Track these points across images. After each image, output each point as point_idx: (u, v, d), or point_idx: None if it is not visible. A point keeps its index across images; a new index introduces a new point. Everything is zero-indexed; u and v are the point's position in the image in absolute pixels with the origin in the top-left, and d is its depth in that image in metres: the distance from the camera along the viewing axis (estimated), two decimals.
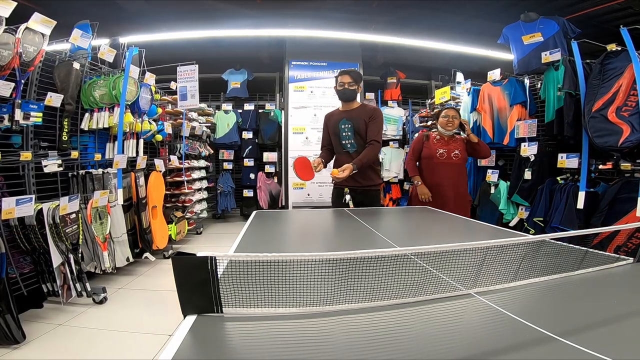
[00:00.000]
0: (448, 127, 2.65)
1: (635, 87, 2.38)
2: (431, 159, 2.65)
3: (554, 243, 1.07)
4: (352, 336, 0.63)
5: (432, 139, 2.71)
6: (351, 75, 2.36)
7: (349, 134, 2.37)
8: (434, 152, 2.65)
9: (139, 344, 1.90)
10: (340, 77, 2.38)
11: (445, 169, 2.62)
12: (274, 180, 5.57)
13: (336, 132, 2.41)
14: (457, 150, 2.64)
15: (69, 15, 2.91)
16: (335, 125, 2.42)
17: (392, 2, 4.66)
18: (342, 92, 2.38)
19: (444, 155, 2.63)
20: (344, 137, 2.38)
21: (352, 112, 2.38)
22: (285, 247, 1.38)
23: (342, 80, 2.36)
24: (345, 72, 2.39)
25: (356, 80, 2.38)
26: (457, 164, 2.65)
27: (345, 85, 2.36)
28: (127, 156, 2.92)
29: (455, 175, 2.65)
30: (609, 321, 0.64)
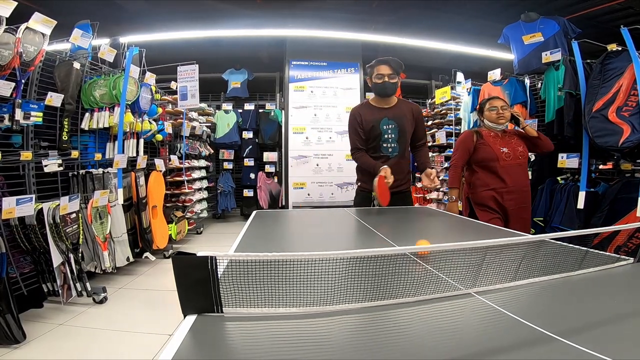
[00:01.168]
0: (500, 120, 2.11)
1: (635, 87, 2.38)
2: (494, 161, 2.06)
3: (554, 243, 1.07)
4: (352, 336, 0.63)
5: (486, 136, 2.12)
6: (391, 65, 1.97)
7: (392, 136, 2.03)
8: (497, 152, 2.06)
9: (139, 344, 1.90)
10: (378, 67, 1.99)
11: (514, 173, 2.06)
12: (274, 180, 5.57)
13: (376, 133, 2.04)
14: (520, 147, 2.11)
15: (69, 15, 2.91)
16: (375, 125, 2.04)
17: (392, 2, 4.66)
18: (381, 86, 1.99)
19: (510, 155, 2.07)
20: (386, 140, 2.04)
21: (394, 109, 2.04)
22: (285, 247, 1.38)
23: (380, 71, 1.97)
24: (383, 61, 1.99)
25: (397, 70, 1.99)
26: (523, 164, 2.14)
27: (385, 78, 1.97)
28: (127, 156, 2.92)
29: (524, 178, 2.14)
30: (609, 321, 0.64)
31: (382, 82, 1.99)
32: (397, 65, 2.01)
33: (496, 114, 2.12)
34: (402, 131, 2.06)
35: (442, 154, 4.49)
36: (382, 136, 2.05)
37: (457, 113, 4.13)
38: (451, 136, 4.21)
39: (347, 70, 5.45)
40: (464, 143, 2.16)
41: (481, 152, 2.11)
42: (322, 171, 5.30)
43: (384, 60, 2.01)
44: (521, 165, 2.11)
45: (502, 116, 2.12)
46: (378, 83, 2.00)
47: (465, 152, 2.16)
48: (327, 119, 5.31)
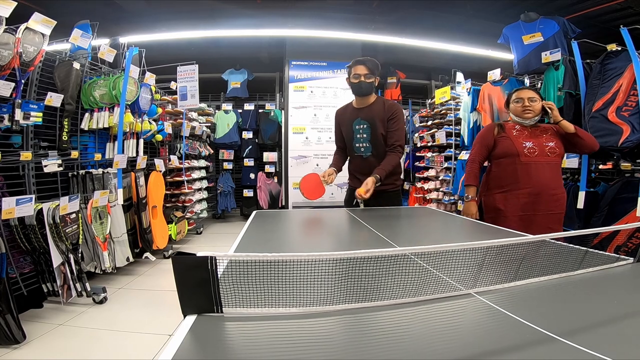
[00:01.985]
0: (526, 114, 1.85)
1: (635, 87, 2.38)
2: (515, 156, 1.82)
3: (554, 243, 1.07)
4: (352, 336, 0.63)
5: (509, 130, 1.89)
6: (367, 65, 2.01)
7: (364, 136, 2.06)
8: (518, 146, 1.82)
9: (139, 344, 1.90)
10: (354, 67, 2.02)
11: (538, 170, 1.79)
12: (274, 180, 5.57)
13: (349, 133, 2.11)
14: (552, 142, 1.82)
15: (69, 15, 2.92)
16: (349, 125, 2.11)
17: (392, 2, 4.66)
18: (357, 85, 2.03)
19: (535, 150, 1.80)
20: (358, 140, 2.08)
21: (369, 109, 2.06)
22: (285, 247, 1.38)
23: (356, 71, 2.01)
24: (360, 61, 2.03)
25: (373, 70, 2.02)
26: (554, 163, 1.82)
27: (361, 78, 2.00)
28: (127, 156, 2.92)
29: (553, 179, 1.82)
30: (609, 321, 0.64)
31: (358, 81, 2.02)
32: (373, 65, 2.03)
33: (522, 106, 1.86)
34: (374, 132, 2.05)
35: (442, 154, 4.49)
36: (354, 136, 2.09)
37: (457, 113, 4.13)
38: (451, 136, 4.21)
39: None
40: (483, 137, 1.96)
41: (500, 147, 1.87)
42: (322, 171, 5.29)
43: (360, 61, 2.03)
44: (550, 164, 1.80)
45: (529, 109, 1.84)
46: (354, 83, 2.04)
47: (484, 147, 1.93)
48: (327, 119, 5.31)
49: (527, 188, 1.80)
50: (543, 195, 1.79)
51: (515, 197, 1.81)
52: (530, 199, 1.79)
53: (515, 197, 1.81)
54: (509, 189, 1.83)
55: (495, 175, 1.91)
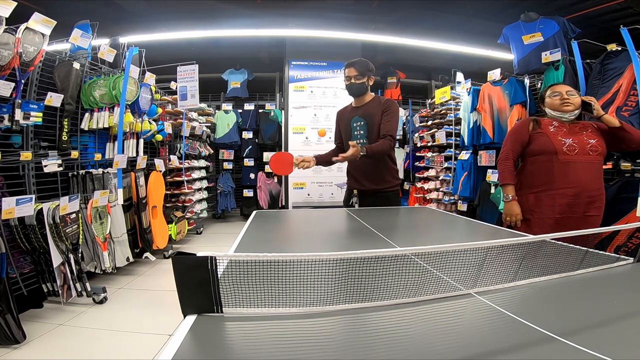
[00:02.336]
0: (565, 107, 1.70)
1: (635, 87, 2.38)
2: (552, 154, 1.67)
3: (554, 243, 1.07)
4: (352, 336, 0.63)
5: (546, 126, 1.74)
6: (356, 68, 2.08)
7: (361, 132, 2.14)
8: (556, 143, 1.67)
9: (139, 344, 1.90)
10: (346, 69, 2.12)
11: (577, 170, 1.65)
12: (274, 180, 5.57)
13: (347, 130, 2.20)
14: (594, 140, 1.67)
15: (69, 15, 2.92)
16: (347, 123, 2.20)
17: (392, 2, 4.66)
18: (348, 87, 2.14)
19: (574, 148, 1.66)
20: (355, 137, 2.16)
21: (365, 107, 2.15)
22: (285, 247, 1.38)
23: (347, 73, 2.11)
24: (350, 64, 2.11)
25: (362, 72, 2.08)
26: (595, 162, 1.68)
27: (351, 80, 2.10)
28: (127, 156, 2.92)
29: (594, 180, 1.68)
30: (609, 321, 0.64)
31: (349, 83, 2.12)
32: (362, 66, 2.09)
33: (560, 99, 1.72)
34: (371, 128, 2.11)
35: (442, 154, 4.49)
36: (351, 133, 2.18)
37: (457, 113, 4.13)
38: (451, 136, 4.21)
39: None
40: (517, 132, 1.82)
41: (536, 144, 1.73)
42: (322, 171, 5.29)
43: (350, 63, 2.11)
44: (591, 163, 1.66)
45: (568, 102, 1.70)
46: (346, 84, 2.15)
47: (517, 143, 1.78)
48: (327, 119, 5.31)
49: (564, 188, 1.65)
50: (581, 196, 1.64)
51: (550, 198, 1.67)
52: (566, 201, 1.65)
53: (550, 197, 1.68)
54: (543, 189, 1.70)
55: (530, 173, 1.76)
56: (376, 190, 2.12)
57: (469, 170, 3.83)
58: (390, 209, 2.07)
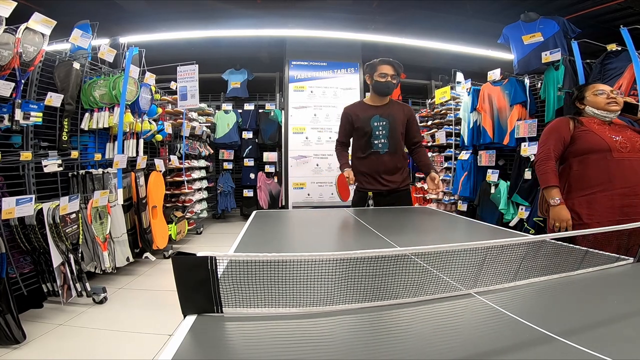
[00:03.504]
0: (612, 106, 1.60)
1: (635, 87, 2.38)
2: (606, 152, 1.53)
3: (554, 243, 1.07)
4: (352, 336, 0.63)
5: (589, 123, 1.62)
6: (394, 67, 2.06)
7: (382, 133, 2.10)
8: (609, 140, 1.54)
9: (139, 344, 1.90)
10: (381, 66, 2.04)
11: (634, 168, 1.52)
12: (274, 180, 5.57)
13: (366, 129, 2.11)
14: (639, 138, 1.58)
15: (69, 15, 2.91)
16: (366, 121, 2.11)
17: (392, 2, 4.66)
18: (385, 85, 2.05)
19: (626, 145, 1.53)
20: (377, 137, 2.11)
21: (386, 108, 2.12)
22: (285, 247, 1.38)
23: (384, 70, 2.03)
24: (387, 62, 2.05)
25: (398, 72, 2.08)
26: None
27: (388, 77, 2.04)
28: (127, 156, 2.92)
29: None
30: (609, 321, 0.64)
31: (386, 81, 2.06)
32: (399, 67, 2.09)
33: (606, 97, 1.60)
34: (393, 128, 2.10)
35: (442, 154, 4.49)
36: (372, 132, 2.11)
37: (457, 113, 4.13)
38: (451, 136, 4.22)
39: (347, 70, 5.45)
40: (556, 130, 1.65)
41: (583, 142, 1.58)
42: (322, 171, 5.29)
43: (388, 61, 2.06)
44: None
45: (615, 101, 1.60)
46: (381, 82, 2.06)
47: (559, 142, 1.63)
48: (327, 119, 5.31)
49: (623, 188, 1.51)
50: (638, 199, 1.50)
51: (608, 199, 1.52)
52: (627, 201, 1.50)
53: (608, 199, 1.52)
54: (598, 191, 1.54)
55: (579, 175, 1.61)
56: (393, 190, 2.13)
57: (469, 170, 3.83)
58: (390, 208, 2.07)
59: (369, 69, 2.12)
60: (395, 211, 2.00)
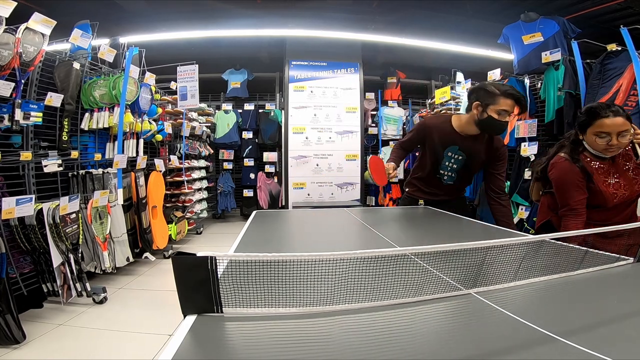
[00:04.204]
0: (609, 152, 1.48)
1: (635, 87, 2.38)
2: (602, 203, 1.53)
3: (554, 243, 1.07)
4: (352, 336, 0.63)
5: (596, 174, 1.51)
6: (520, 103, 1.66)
7: (453, 167, 1.84)
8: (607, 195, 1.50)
9: (139, 344, 1.90)
10: (505, 100, 1.63)
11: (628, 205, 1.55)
12: (274, 180, 5.57)
13: (438, 155, 1.85)
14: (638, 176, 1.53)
15: (69, 15, 2.91)
16: (440, 148, 1.84)
17: (392, 2, 4.66)
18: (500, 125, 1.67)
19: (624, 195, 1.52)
20: (445, 167, 1.86)
21: (472, 140, 1.79)
22: (285, 247, 1.38)
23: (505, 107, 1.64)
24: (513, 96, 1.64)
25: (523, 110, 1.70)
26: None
27: (506, 116, 1.65)
28: (127, 156, 2.92)
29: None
30: (609, 321, 0.64)
31: (504, 119, 1.66)
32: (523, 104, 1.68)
33: (606, 144, 1.44)
34: (467, 166, 1.84)
35: None
36: (442, 162, 1.86)
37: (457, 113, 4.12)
38: None
39: (347, 71, 5.44)
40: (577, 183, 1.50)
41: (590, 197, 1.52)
42: (322, 171, 5.29)
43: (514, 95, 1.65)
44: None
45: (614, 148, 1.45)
46: (496, 119, 1.65)
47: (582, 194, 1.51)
48: (327, 119, 5.31)
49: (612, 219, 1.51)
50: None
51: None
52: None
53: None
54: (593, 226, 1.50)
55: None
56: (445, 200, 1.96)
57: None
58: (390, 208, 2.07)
59: (486, 97, 1.68)
60: (395, 211, 2.00)
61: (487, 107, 1.66)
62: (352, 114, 5.31)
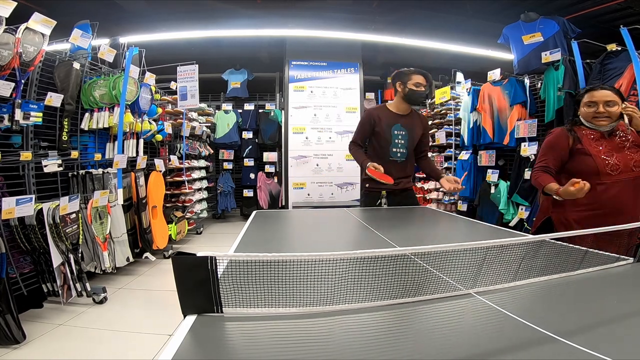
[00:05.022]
0: (600, 122, 1.53)
1: (635, 87, 2.38)
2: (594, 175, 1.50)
3: (554, 243, 1.07)
4: (352, 336, 0.63)
5: (587, 140, 1.55)
6: (427, 78, 2.12)
7: (402, 142, 2.15)
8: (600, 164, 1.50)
9: (139, 344, 1.90)
10: (415, 76, 2.09)
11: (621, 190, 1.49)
12: (274, 180, 5.57)
13: (387, 136, 2.14)
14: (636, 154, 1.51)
15: (69, 15, 2.91)
16: (387, 129, 2.14)
17: (392, 2, 4.66)
18: (419, 93, 2.10)
19: (618, 167, 1.48)
20: (396, 145, 2.15)
21: (408, 118, 2.18)
22: (285, 247, 1.38)
23: (418, 80, 2.09)
24: (420, 72, 2.12)
25: (430, 84, 2.14)
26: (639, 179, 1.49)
27: (421, 87, 2.09)
28: (127, 156, 2.92)
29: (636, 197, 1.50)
30: (609, 321, 0.64)
31: (420, 90, 2.10)
32: (430, 79, 2.15)
33: (594, 112, 1.51)
34: (411, 139, 2.17)
35: (442, 154, 4.48)
36: (392, 141, 2.15)
37: (457, 113, 4.13)
38: (451, 136, 4.21)
39: (347, 70, 5.45)
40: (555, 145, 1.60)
41: (576, 163, 1.55)
42: (322, 171, 5.29)
43: (421, 72, 2.11)
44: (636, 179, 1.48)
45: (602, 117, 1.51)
46: (416, 90, 2.10)
47: (558, 160, 1.59)
48: (327, 119, 5.31)
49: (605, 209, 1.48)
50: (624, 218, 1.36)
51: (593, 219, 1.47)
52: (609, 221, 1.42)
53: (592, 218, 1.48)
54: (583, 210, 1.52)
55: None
56: (405, 188, 2.21)
57: (469, 170, 3.83)
58: (390, 208, 2.07)
59: (400, 77, 2.14)
60: (395, 211, 2.01)
61: (406, 84, 2.11)
62: (352, 114, 5.31)
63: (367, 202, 2.23)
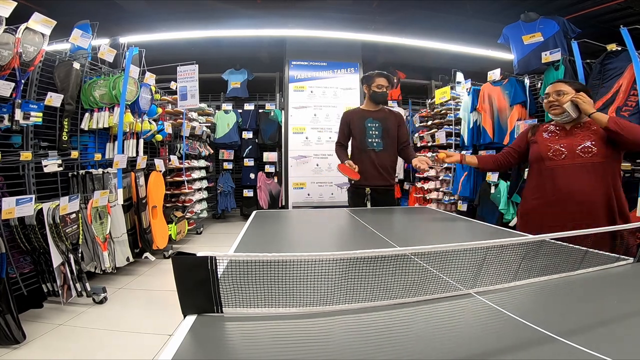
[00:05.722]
0: (552, 110, 1.60)
1: (635, 87, 2.38)
2: (540, 161, 1.61)
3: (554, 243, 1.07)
4: (352, 336, 0.63)
5: (540, 132, 1.67)
6: (389, 79, 2.43)
7: (376, 133, 2.40)
8: (543, 150, 1.60)
9: (139, 344, 1.90)
10: (379, 79, 2.40)
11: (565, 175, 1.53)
12: (274, 180, 5.57)
13: (361, 130, 2.42)
14: (589, 141, 1.52)
15: (69, 15, 2.92)
16: (360, 122, 2.43)
17: (392, 2, 4.66)
18: (381, 94, 2.41)
19: (562, 152, 1.55)
20: (370, 135, 2.41)
21: (378, 113, 2.45)
22: (285, 247, 1.39)
23: (381, 82, 2.40)
24: (382, 74, 2.42)
25: (392, 83, 2.49)
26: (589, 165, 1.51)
27: (383, 88, 2.41)
28: (127, 156, 2.92)
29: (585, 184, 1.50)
30: (609, 321, 0.64)
31: (381, 91, 2.40)
32: (391, 80, 2.48)
33: (547, 102, 1.61)
34: (385, 131, 2.40)
35: None
36: (366, 132, 2.41)
37: (457, 113, 4.13)
38: (451, 136, 4.21)
39: (347, 70, 5.45)
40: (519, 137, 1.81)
41: (531, 152, 1.68)
42: (322, 171, 5.30)
43: (383, 74, 2.41)
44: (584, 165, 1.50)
45: (554, 105, 1.58)
46: (378, 92, 2.41)
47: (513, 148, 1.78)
48: (327, 119, 5.31)
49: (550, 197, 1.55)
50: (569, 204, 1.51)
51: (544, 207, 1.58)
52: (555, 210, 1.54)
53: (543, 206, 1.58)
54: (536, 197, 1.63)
55: (528, 183, 1.72)
56: (387, 187, 2.37)
57: (469, 170, 3.83)
58: (390, 208, 2.07)
59: (367, 80, 2.44)
60: (395, 211, 2.01)
61: (371, 86, 2.41)
62: None
63: (354, 199, 2.42)
